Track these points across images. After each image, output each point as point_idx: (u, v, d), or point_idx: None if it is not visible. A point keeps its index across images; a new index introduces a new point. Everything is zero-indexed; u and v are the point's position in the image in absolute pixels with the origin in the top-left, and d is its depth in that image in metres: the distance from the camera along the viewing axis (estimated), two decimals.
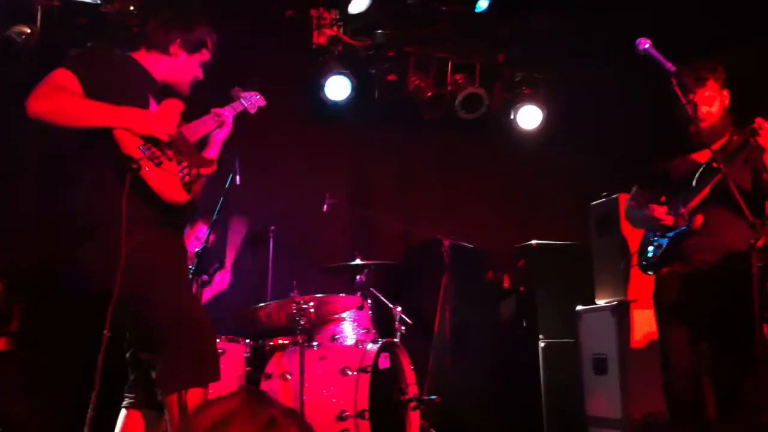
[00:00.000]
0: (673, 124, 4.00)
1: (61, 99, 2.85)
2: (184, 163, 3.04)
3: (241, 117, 3.60)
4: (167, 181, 2.94)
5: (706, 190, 3.77)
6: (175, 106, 3.21)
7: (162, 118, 3.02)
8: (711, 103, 3.85)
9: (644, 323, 4.71)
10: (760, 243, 3.30)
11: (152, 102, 3.11)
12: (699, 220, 3.77)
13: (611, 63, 5.97)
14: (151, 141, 2.93)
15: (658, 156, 4.16)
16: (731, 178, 3.38)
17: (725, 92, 3.90)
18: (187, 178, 3.02)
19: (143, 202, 2.90)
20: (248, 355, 4.68)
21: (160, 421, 3.08)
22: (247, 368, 4.67)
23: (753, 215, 3.23)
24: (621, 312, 4.85)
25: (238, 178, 4.52)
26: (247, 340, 4.75)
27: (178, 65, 3.27)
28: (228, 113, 3.47)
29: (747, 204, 3.24)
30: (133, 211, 2.83)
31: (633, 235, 4.91)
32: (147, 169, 2.87)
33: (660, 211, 3.88)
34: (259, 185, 5.47)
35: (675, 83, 3.64)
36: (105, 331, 2.80)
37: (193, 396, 2.86)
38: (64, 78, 2.91)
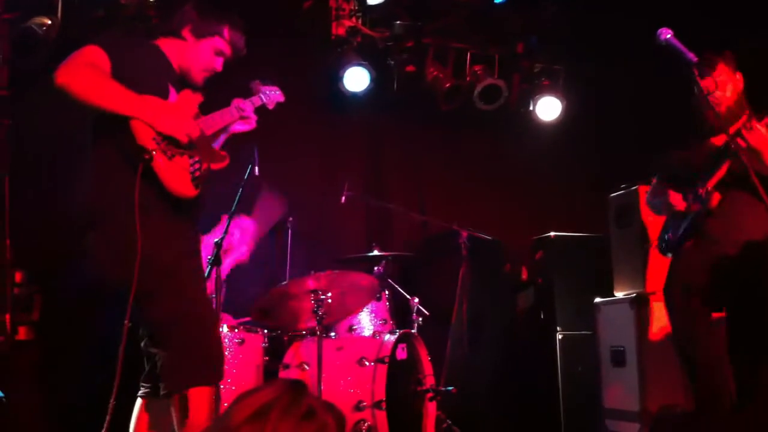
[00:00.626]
0: (691, 114, 3.99)
1: (91, 75, 2.85)
2: (196, 158, 3.03)
3: (260, 108, 3.62)
4: (177, 175, 2.93)
5: (723, 170, 3.76)
6: (194, 98, 3.22)
7: (183, 118, 3.01)
8: (724, 87, 3.84)
9: (663, 316, 4.67)
10: None
11: (172, 91, 3.12)
12: (715, 199, 3.76)
13: (631, 54, 5.94)
14: (164, 136, 2.93)
15: (676, 145, 4.14)
16: (747, 159, 3.36)
17: (738, 75, 3.88)
18: (197, 173, 3.01)
19: (153, 193, 2.90)
20: (266, 345, 4.71)
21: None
22: (265, 358, 4.70)
23: None
24: (639, 304, 4.82)
25: (257, 169, 4.53)
26: (265, 331, 4.77)
27: (189, 50, 3.24)
28: (249, 108, 3.47)
29: (765, 187, 3.21)
30: (142, 200, 2.84)
31: (652, 227, 4.89)
32: (159, 161, 2.88)
33: (676, 197, 3.86)
34: (277, 176, 5.48)
35: (696, 74, 3.61)
36: (125, 321, 2.83)
37: (197, 394, 2.88)
38: (96, 55, 2.91)
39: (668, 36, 3.46)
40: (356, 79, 6.06)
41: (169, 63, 3.22)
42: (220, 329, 4.33)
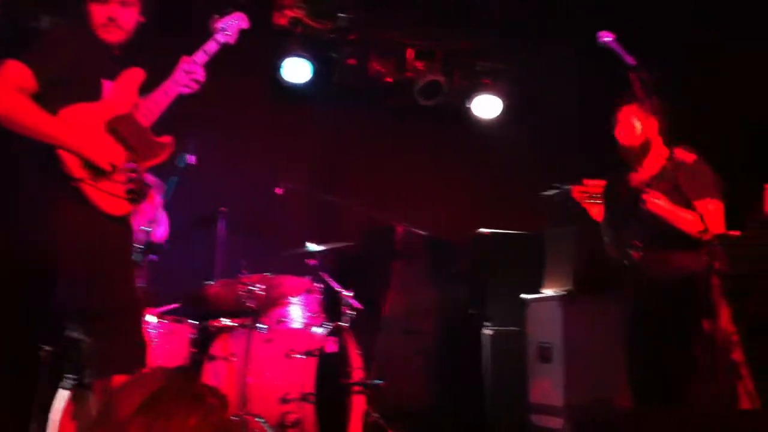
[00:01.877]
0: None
1: (17, 105, 2.77)
2: (131, 168, 2.95)
3: (197, 96, 3.43)
4: (107, 199, 2.90)
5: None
6: (134, 78, 3.12)
7: (106, 147, 2.93)
8: (631, 127, 3.92)
9: (589, 313, 4.75)
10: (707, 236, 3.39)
11: (105, 85, 3.03)
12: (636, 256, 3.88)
13: (572, 55, 6.01)
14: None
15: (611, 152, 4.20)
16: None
17: (654, 119, 3.90)
18: (132, 186, 2.95)
19: (83, 204, 2.87)
20: (193, 336, 4.65)
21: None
22: (192, 349, 4.63)
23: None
24: (567, 302, 4.89)
25: (193, 157, 4.47)
26: (193, 321, 4.71)
27: (108, 11, 3.05)
28: (201, 60, 3.27)
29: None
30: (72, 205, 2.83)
31: (585, 227, 4.95)
32: (87, 189, 2.85)
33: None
34: (213, 165, 5.41)
35: (635, 78, 3.66)
36: (52, 313, 2.79)
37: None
38: (19, 75, 2.79)
39: (608, 39, 3.51)
40: (297, 70, 6.03)
41: (96, 42, 3.06)
42: (147, 319, 4.26)
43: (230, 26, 3.41)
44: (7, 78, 2.78)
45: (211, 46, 3.33)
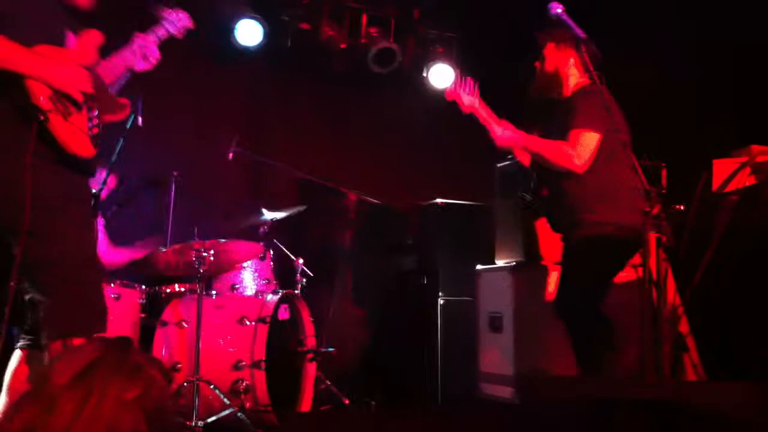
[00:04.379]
0: None
1: None
2: (94, 112, 2.90)
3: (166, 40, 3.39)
4: (74, 135, 2.81)
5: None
6: (95, 38, 3.04)
7: (78, 72, 2.84)
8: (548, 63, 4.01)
9: (539, 283, 4.82)
10: (654, 211, 3.43)
11: (70, 36, 2.95)
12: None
13: (526, 25, 6.02)
14: (61, 94, 2.79)
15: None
16: None
17: (565, 50, 3.98)
18: (95, 130, 2.90)
19: (47, 148, 2.77)
20: (143, 301, 4.59)
21: None
22: (142, 315, 4.59)
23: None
24: (518, 272, 4.95)
25: (140, 119, 4.36)
26: (143, 287, 4.65)
27: None
28: (152, 43, 3.27)
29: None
30: (36, 147, 2.70)
31: (533, 197, 5.00)
32: (54, 122, 2.75)
33: None
34: (162, 128, 5.30)
35: (584, 50, 3.69)
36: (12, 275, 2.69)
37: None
38: None
39: (558, 11, 3.53)
40: (249, 32, 5.93)
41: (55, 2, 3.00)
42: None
43: (178, 22, 3.41)
44: None
45: (161, 32, 3.35)
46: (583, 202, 3.76)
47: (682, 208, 3.71)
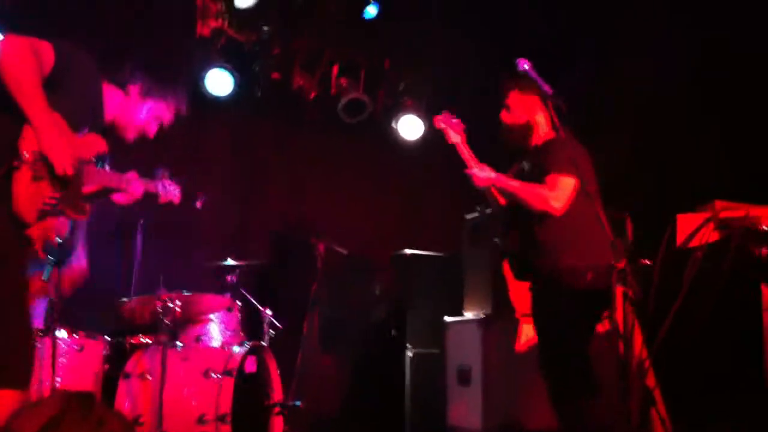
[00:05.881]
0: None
1: (26, 68, 2.72)
2: (57, 195, 2.90)
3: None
4: (30, 197, 2.80)
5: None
6: (96, 145, 3.13)
7: (71, 154, 2.88)
8: (515, 112, 4.03)
9: (508, 335, 4.82)
10: (621, 265, 3.46)
11: (84, 130, 3.03)
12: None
13: (494, 78, 6.12)
14: (44, 159, 2.81)
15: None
16: None
17: (531, 98, 3.99)
18: (47, 207, 2.89)
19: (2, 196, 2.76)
20: (107, 352, 4.49)
21: None
22: (105, 366, 4.48)
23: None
24: (487, 324, 4.95)
25: (107, 167, 4.32)
26: (107, 337, 4.56)
27: (130, 107, 3.27)
28: (139, 189, 3.48)
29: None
30: None
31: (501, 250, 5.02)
32: (23, 174, 2.76)
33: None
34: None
35: (551, 106, 3.75)
36: None
37: (5, 398, 2.70)
38: (43, 49, 2.80)
39: (526, 66, 3.59)
40: (219, 81, 5.94)
41: (101, 105, 3.15)
42: (58, 334, 4.08)
43: (169, 192, 3.60)
44: (33, 43, 2.78)
45: (151, 187, 3.67)
46: (557, 245, 3.78)
47: (648, 262, 3.75)
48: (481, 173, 3.97)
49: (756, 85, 4.76)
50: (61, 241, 4.29)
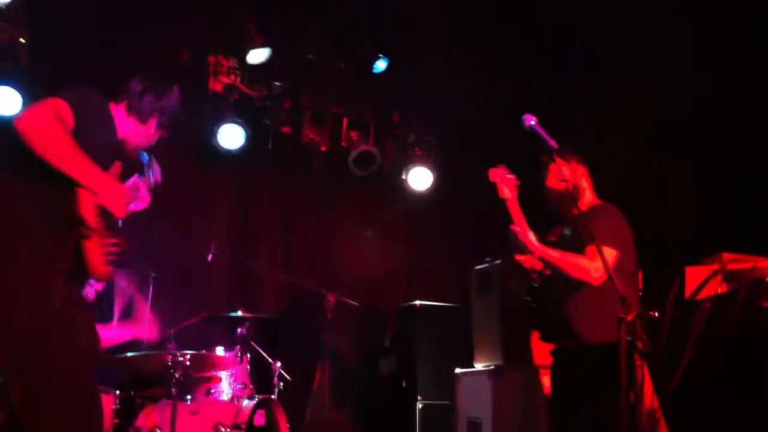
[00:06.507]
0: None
1: (55, 133, 2.74)
2: (113, 240, 2.94)
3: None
4: (100, 256, 2.85)
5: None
6: (116, 169, 3.14)
7: (122, 194, 2.94)
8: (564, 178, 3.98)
9: (518, 387, 4.80)
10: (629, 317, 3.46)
11: (114, 165, 3.06)
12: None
13: (500, 129, 6.20)
14: (104, 212, 2.85)
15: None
16: None
17: (579, 168, 4.03)
18: (114, 257, 2.94)
19: (71, 263, 2.79)
20: (117, 407, 4.49)
21: None
22: (116, 421, 4.48)
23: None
24: (497, 375, 4.93)
25: (120, 222, 4.38)
26: (117, 391, 4.57)
27: (147, 135, 3.27)
28: (144, 187, 3.45)
29: None
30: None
31: (512, 301, 5.03)
32: (93, 240, 2.80)
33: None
34: (143, 229, 5.31)
35: (557, 160, 3.79)
36: None
37: None
38: (63, 110, 2.83)
39: (532, 123, 3.61)
40: (231, 135, 6.03)
41: (115, 132, 3.17)
42: None
43: (154, 174, 3.65)
44: (51, 107, 2.81)
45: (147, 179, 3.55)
46: (588, 313, 3.78)
47: (656, 314, 3.75)
48: (527, 235, 3.89)
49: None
50: (97, 295, 4.35)
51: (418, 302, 5.89)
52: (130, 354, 4.44)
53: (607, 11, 5.77)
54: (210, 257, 5.27)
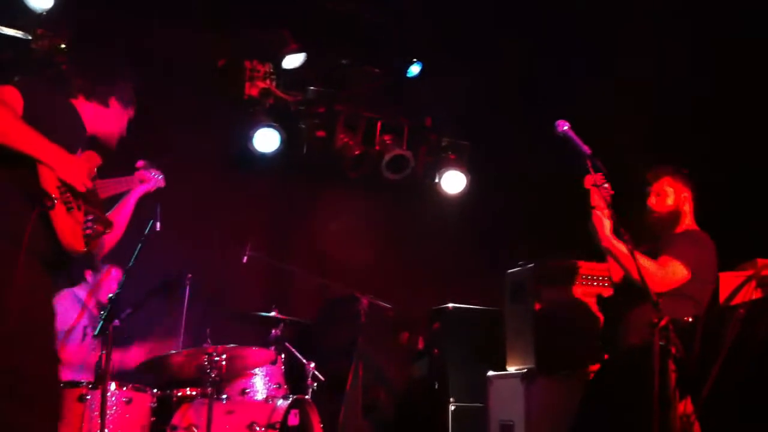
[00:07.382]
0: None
1: (3, 114, 2.82)
2: (90, 216, 3.06)
3: (168, 164, 3.66)
4: (72, 228, 2.95)
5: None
6: (93, 160, 3.26)
7: (84, 168, 3.04)
8: (662, 198, 4.00)
9: (551, 391, 4.80)
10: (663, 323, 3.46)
11: (79, 152, 3.14)
12: None
13: (536, 133, 6.19)
14: (67, 186, 2.95)
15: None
16: None
17: (685, 191, 4.02)
18: (89, 231, 3.04)
19: (41, 238, 2.87)
20: (154, 405, 4.57)
21: None
22: (152, 419, 4.56)
23: None
24: (529, 379, 4.93)
25: (158, 224, 4.47)
26: (154, 390, 4.65)
27: (114, 118, 3.35)
28: (147, 176, 3.67)
29: None
30: (30, 243, 2.80)
31: (544, 305, 5.03)
32: (58, 210, 2.89)
33: None
34: (180, 232, 5.40)
35: (590, 165, 3.78)
36: None
37: None
38: (10, 95, 2.92)
39: (565, 128, 3.62)
40: (266, 140, 6.11)
41: (82, 123, 3.25)
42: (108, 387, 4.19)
43: (152, 179, 3.75)
44: None
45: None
46: (637, 330, 3.79)
47: (690, 320, 3.73)
48: (602, 221, 3.82)
49: None
50: (113, 297, 4.45)
51: (451, 305, 5.91)
52: (167, 354, 4.52)
53: (607, 11, 5.74)
54: (245, 258, 5.35)
